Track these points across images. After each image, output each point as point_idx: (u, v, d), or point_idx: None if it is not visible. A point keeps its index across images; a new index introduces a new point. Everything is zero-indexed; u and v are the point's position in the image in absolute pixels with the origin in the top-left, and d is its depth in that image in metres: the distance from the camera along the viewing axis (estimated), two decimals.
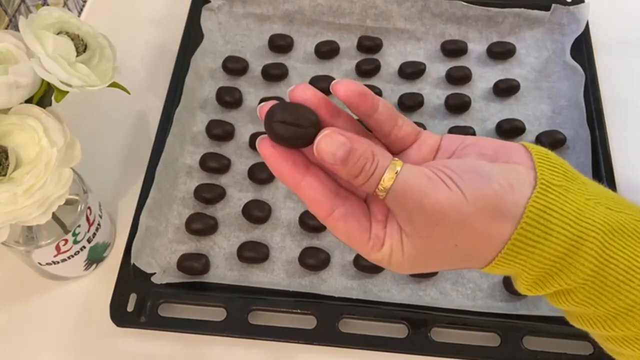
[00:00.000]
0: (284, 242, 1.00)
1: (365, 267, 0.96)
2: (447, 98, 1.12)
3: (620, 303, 0.56)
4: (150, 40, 1.23)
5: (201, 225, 0.99)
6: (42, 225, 0.81)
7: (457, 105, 1.11)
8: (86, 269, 0.96)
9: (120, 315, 0.91)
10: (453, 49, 1.18)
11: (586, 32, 1.18)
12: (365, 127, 0.62)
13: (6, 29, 1.02)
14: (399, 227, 0.58)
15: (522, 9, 1.19)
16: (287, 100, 0.59)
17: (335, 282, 0.96)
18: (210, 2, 1.20)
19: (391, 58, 1.19)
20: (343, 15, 1.21)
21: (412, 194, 0.55)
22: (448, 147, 0.61)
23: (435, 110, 1.12)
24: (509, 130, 1.09)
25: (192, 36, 1.17)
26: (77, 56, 0.75)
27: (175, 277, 0.94)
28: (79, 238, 0.88)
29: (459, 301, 0.95)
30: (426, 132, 0.63)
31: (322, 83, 1.12)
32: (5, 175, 0.69)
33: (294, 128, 0.55)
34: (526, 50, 1.19)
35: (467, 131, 1.08)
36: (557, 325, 0.90)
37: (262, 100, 1.11)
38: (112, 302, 0.91)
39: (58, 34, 0.75)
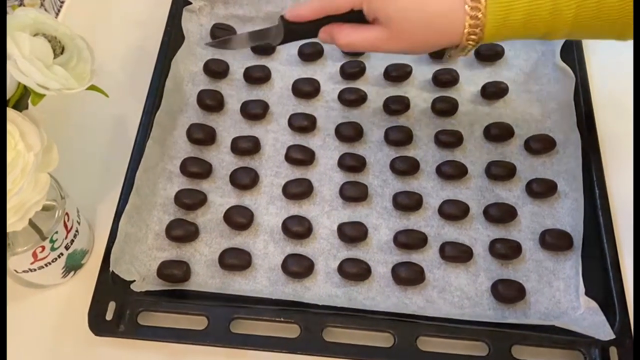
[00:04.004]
0: (266, 248, 1.00)
1: (350, 274, 0.97)
2: (434, 101, 1.13)
3: None
4: (129, 42, 1.23)
5: (182, 232, 0.99)
6: (19, 232, 0.82)
7: (444, 108, 1.12)
8: (64, 276, 0.96)
9: (98, 324, 0.91)
10: (440, 51, 1.18)
11: None
12: None
13: None
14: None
15: None
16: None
17: (320, 290, 0.97)
18: (191, 3, 1.21)
19: (376, 60, 1.19)
20: None
21: None
22: None
23: (421, 114, 1.13)
24: (498, 134, 1.10)
25: (172, 38, 1.17)
26: (54, 58, 0.75)
27: (155, 285, 0.95)
28: (56, 245, 0.89)
29: (446, 309, 0.96)
30: None
31: (305, 86, 1.13)
32: None
33: None
34: (515, 52, 1.20)
35: (455, 135, 1.09)
36: (547, 335, 0.91)
37: (244, 104, 1.12)
38: (90, 310, 0.92)
39: (35, 35, 0.75)
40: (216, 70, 1.16)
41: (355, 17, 0.91)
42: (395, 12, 0.88)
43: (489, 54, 1.18)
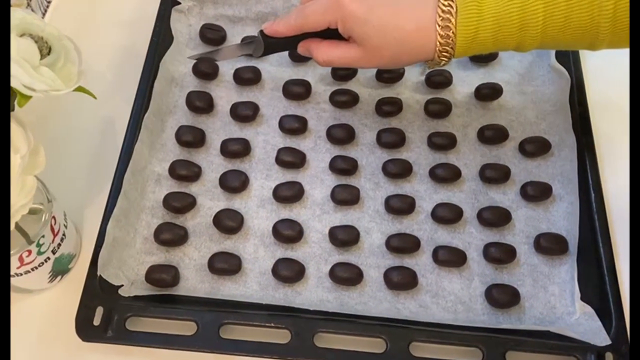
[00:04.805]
0: (256, 253, 1.01)
1: (341, 279, 0.97)
2: (427, 103, 1.13)
3: None
4: (117, 43, 1.23)
5: (170, 236, 0.99)
6: None
7: (437, 110, 1.13)
8: (51, 281, 0.96)
9: (86, 330, 0.91)
10: None
11: None
12: None
13: None
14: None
15: None
16: None
17: (311, 294, 0.97)
18: (180, 3, 1.21)
19: None
20: None
21: None
22: None
23: (414, 116, 1.13)
24: (492, 136, 1.10)
25: (161, 39, 1.17)
26: (41, 59, 0.75)
27: (144, 290, 0.95)
28: (43, 249, 0.89)
29: (440, 315, 0.96)
30: None
31: (296, 87, 1.13)
32: None
33: None
34: (509, 53, 1.19)
35: (448, 137, 1.09)
36: (541, 340, 0.92)
37: (233, 106, 1.12)
38: (77, 315, 0.92)
39: (21, 35, 0.75)
40: (206, 71, 1.16)
41: (332, 33, 0.95)
42: (370, 32, 0.93)
43: (483, 55, 1.18)
